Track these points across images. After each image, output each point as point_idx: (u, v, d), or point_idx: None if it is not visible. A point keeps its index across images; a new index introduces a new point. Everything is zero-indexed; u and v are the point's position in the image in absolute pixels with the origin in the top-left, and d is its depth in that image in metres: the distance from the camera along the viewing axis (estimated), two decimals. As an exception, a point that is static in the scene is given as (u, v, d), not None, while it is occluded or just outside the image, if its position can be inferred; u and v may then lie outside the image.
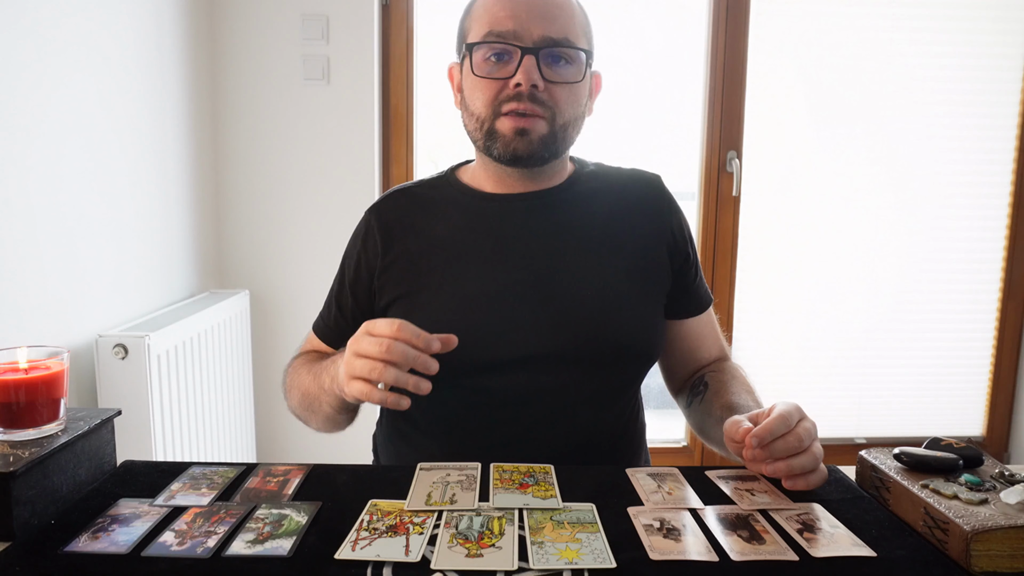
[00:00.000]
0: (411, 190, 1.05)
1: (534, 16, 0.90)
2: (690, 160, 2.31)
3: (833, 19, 2.22)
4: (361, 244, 1.03)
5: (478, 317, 0.94)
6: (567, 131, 0.95)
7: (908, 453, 0.75)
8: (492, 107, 0.93)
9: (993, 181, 2.33)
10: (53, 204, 1.39)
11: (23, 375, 0.75)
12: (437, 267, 0.97)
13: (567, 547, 0.64)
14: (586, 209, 1.00)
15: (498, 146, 0.93)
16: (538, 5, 0.91)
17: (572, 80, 0.93)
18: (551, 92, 0.92)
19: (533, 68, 0.90)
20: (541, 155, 0.94)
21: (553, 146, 0.94)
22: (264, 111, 2.10)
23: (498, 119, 0.93)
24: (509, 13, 0.91)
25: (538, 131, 0.92)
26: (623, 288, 0.96)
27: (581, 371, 0.94)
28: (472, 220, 0.99)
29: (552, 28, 0.91)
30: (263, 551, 0.64)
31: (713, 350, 1.09)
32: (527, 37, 0.90)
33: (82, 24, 1.47)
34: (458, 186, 1.03)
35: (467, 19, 0.97)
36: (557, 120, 0.93)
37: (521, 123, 0.91)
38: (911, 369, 2.42)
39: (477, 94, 0.94)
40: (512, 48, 0.91)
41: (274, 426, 2.21)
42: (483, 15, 0.93)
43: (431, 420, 0.99)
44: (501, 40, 0.91)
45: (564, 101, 0.93)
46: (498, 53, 0.92)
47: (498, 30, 0.91)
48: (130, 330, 1.54)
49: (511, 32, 0.90)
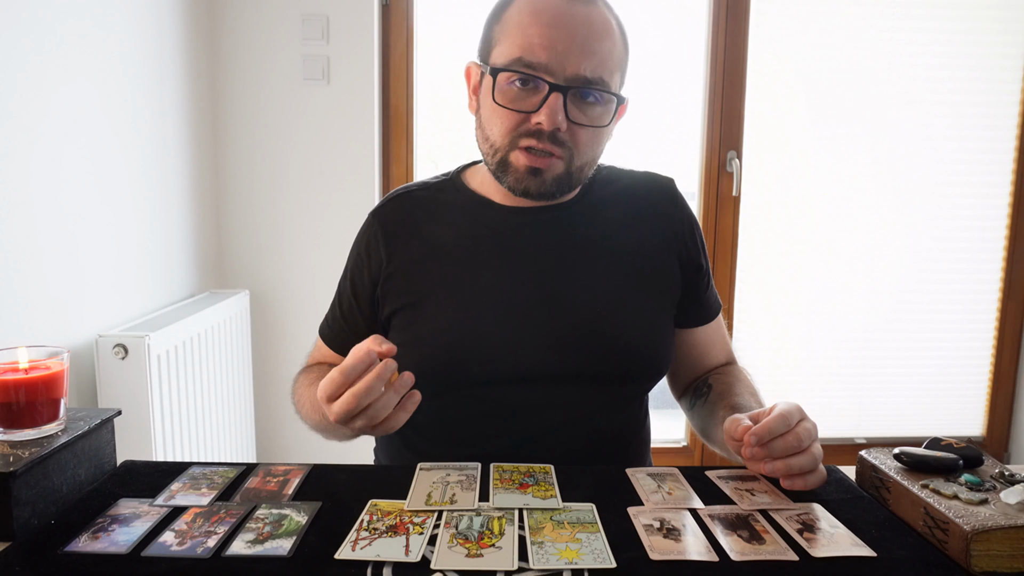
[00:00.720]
0: (415, 193, 1.02)
1: (572, 50, 0.83)
2: (690, 160, 2.31)
3: (833, 19, 2.22)
4: (364, 251, 1.00)
5: (484, 330, 0.92)
6: (583, 172, 0.92)
7: (908, 453, 0.75)
8: (509, 138, 0.88)
9: (993, 181, 2.33)
10: (53, 204, 1.39)
11: (23, 375, 0.74)
12: (442, 276, 0.95)
13: (567, 547, 0.64)
14: (598, 220, 0.97)
15: (509, 179, 0.89)
16: (579, 36, 0.84)
17: (598, 124, 0.88)
18: (573, 132, 0.87)
19: (559, 108, 0.84)
20: (553, 193, 0.91)
21: (567, 184, 0.91)
22: (264, 111, 2.10)
23: (513, 151, 0.88)
24: (545, 42, 0.83)
25: (553, 171, 0.88)
26: (633, 302, 0.95)
27: (588, 385, 0.93)
28: (479, 229, 0.96)
29: (588, 66, 0.84)
30: (263, 551, 0.64)
31: (720, 356, 1.08)
32: (559, 72, 0.84)
33: (82, 24, 1.47)
34: (465, 191, 1.00)
35: (497, 25, 0.90)
36: (575, 162, 0.89)
37: (536, 162, 0.87)
38: (911, 369, 2.42)
39: (495, 121, 0.88)
40: (541, 83, 0.85)
41: (274, 426, 2.21)
42: (517, 34, 0.85)
43: (435, 429, 0.98)
44: (530, 71, 0.84)
45: (585, 144, 0.88)
46: (524, 79, 0.85)
47: (529, 60, 0.84)
48: (130, 330, 1.54)
49: (543, 65, 0.84)
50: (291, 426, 2.21)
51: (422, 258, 0.96)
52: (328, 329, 1.06)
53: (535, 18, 0.85)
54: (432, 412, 0.99)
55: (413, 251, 0.97)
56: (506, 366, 0.91)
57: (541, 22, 0.84)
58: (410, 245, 0.97)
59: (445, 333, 0.93)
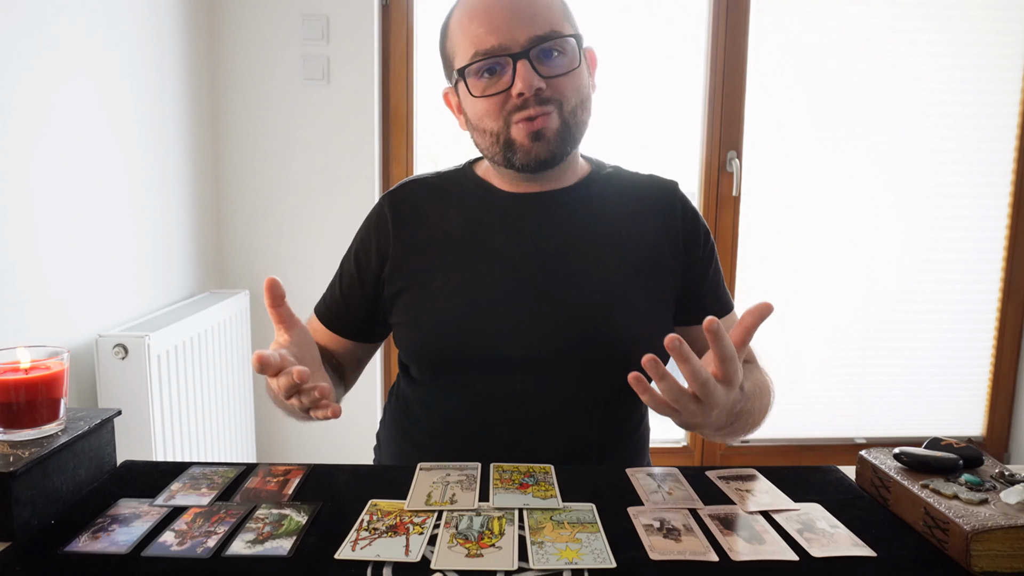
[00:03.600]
0: (428, 180, 1.05)
1: (513, 21, 0.89)
2: (690, 160, 2.31)
3: (833, 19, 2.22)
4: (374, 229, 1.03)
5: (484, 312, 0.94)
6: (578, 115, 0.94)
7: (908, 453, 0.75)
8: (502, 119, 0.92)
9: (993, 181, 2.33)
10: (53, 204, 1.39)
11: (23, 375, 0.74)
12: (446, 260, 0.97)
13: (567, 547, 0.64)
14: (598, 211, 0.99)
15: (518, 156, 0.93)
16: (516, 7, 0.90)
17: (570, 69, 0.92)
18: (553, 86, 0.91)
19: (530, 72, 0.89)
20: (562, 151, 0.94)
21: (569, 135, 0.94)
22: (264, 111, 2.10)
23: (510, 129, 0.92)
24: (488, 28, 0.90)
25: (552, 126, 0.91)
26: (628, 291, 0.96)
27: (583, 374, 0.94)
28: (484, 214, 0.99)
29: (535, 26, 0.89)
30: (263, 551, 0.64)
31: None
32: (513, 44, 0.89)
33: (82, 24, 1.47)
34: (474, 179, 1.03)
35: (447, 43, 0.96)
36: (565, 108, 0.92)
37: (534, 126, 0.91)
38: (911, 369, 2.42)
39: (483, 114, 0.93)
40: (503, 59, 0.90)
41: (274, 426, 2.21)
42: (463, 37, 0.92)
43: (434, 418, 0.99)
44: (489, 56, 0.90)
45: (568, 89, 0.92)
46: (490, 68, 0.91)
47: (483, 48, 0.90)
48: (130, 330, 1.54)
49: (496, 47, 0.89)
50: (291, 426, 2.21)
51: (428, 242, 0.99)
52: (324, 307, 1.08)
53: (472, 15, 0.92)
54: (430, 402, 0.99)
55: (421, 236, 1.00)
56: (503, 349, 0.93)
57: (478, 15, 0.91)
58: (419, 230, 1.00)
59: (446, 315, 0.95)
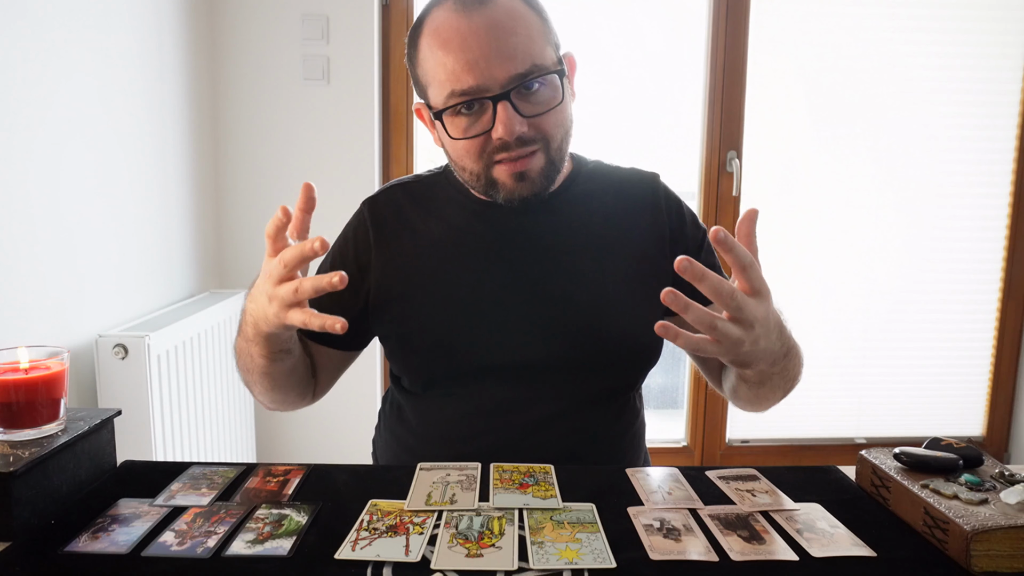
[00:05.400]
0: (409, 186, 1.03)
1: (492, 56, 0.83)
2: (690, 160, 2.31)
3: (833, 19, 2.22)
4: (352, 235, 1.02)
5: (473, 322, 0.93)
6: (563, 149, 0.92)
7: (908, 453, 0.75)
8: (483, 161, 0.89)
9: (993, 181, 2.33)
10: (53, 204, 1.39)
11: (23, 375, 0.74)
12: (431, 268, 0.96)
13: (567, 547, 0.64)
14: (583, 211, 0.98)
15: (501, 194, 0.90)
16: (492, 43, 0.83)
17: (553, 104, 0.88)
18: (536, 125, 0.87)
19: (511, 116, 0.84)
20: (546, 188, 0.91)
21: (554, 169, 0.91)
22: (264, 111, 2.10)
23: (492, 169, 0.89)
24: (464, 65, 0.83)
25: (536, 166, 0.88)
26: (619, 290, 0.95)
27: (578, 375, 0.94)
28: (468, 220, 0.98)
29: (514, 63, 0.83)
30: (263, 551, 0.64)
31: None
32: (493, 84, 0.83)
33: (82, 24, 1.47)
34: (455, 184, 1.01)
35: (418, 68, 0.91)
36: (551, 145, 0.89)
37: (517, 167, 0.88)
38: (911, 369, 2.42)
39: (463, 154, 0.89)
40: (481, 100, 0.85)
41: (274, 426, 2.21)
42: (438, 71, 0.86)
43: (428, 425, 0.98)
44: (467, 96, 0.85)
45: (553, 126, 0.88)
46: (467, 105, 0.86)
47: (459, 88, 0.84)
48: (130, 330, 1.54)
49: (474, 87, 0.84)
50: (291, 426, 2.21)
51: (411, 251, 0.97)
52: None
53: (445, 48, 0.85)
54: (424, 410, 0.99)
55: (404, 243, 0.98)
56: (494, 358, 0.92)
57: (452, 49, 0.84)
58: (400, 237, 0.98)
59: (435, 331, 0.94)
